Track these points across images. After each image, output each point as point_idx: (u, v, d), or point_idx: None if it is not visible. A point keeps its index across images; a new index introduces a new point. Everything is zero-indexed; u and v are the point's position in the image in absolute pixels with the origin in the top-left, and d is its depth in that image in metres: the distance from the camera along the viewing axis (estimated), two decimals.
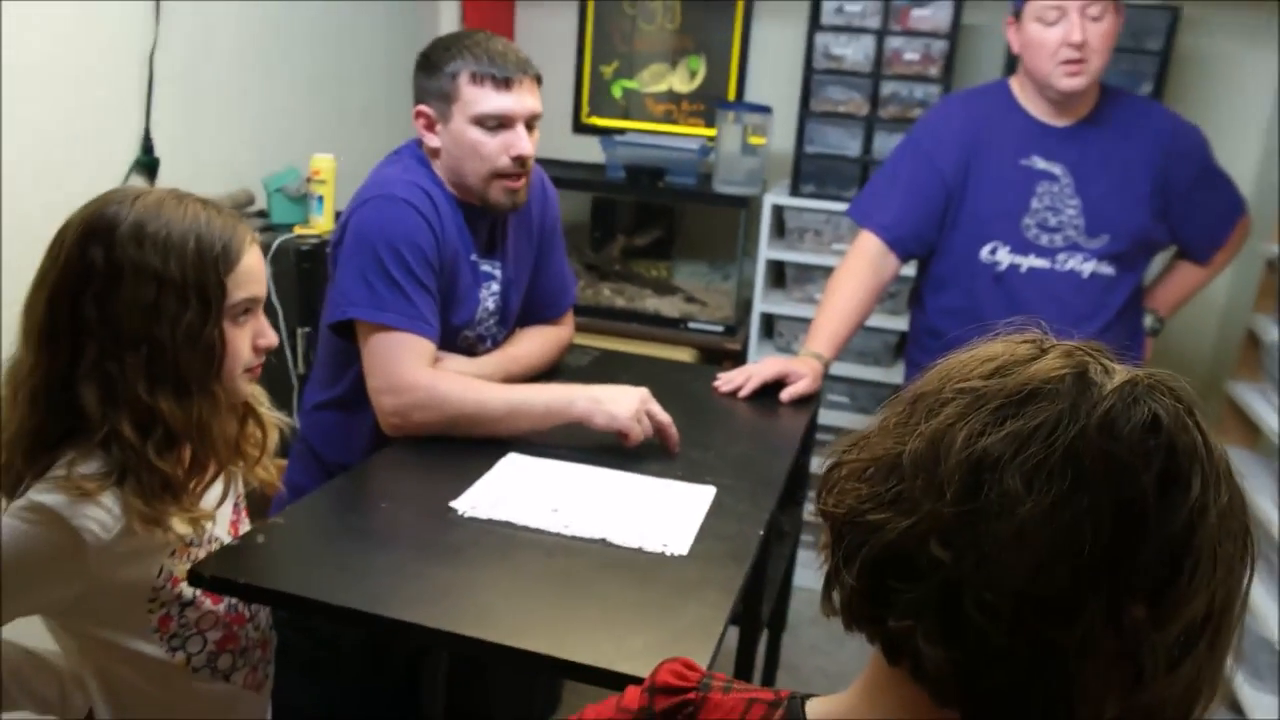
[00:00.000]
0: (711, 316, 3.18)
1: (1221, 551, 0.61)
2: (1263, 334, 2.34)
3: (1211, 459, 0.62)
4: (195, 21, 2.30)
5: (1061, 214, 2.00)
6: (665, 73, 3.46)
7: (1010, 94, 2.06)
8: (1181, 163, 2.01)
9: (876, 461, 0.68)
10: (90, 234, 1.13)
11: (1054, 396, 0.62)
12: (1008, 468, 0.61)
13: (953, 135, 2.06)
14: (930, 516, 0.62)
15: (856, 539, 0.66)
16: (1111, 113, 2.02)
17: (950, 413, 0.65)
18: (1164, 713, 0.62)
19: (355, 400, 1.71)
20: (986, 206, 2.03)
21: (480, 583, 1.21)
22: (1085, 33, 1.87)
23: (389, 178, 1.65)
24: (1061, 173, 1.99)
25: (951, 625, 0.61)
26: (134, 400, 1.12)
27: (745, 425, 1.84)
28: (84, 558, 1.10)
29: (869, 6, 2.86)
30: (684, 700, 0.76)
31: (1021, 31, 1.96)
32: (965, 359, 0.69)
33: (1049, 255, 2.01)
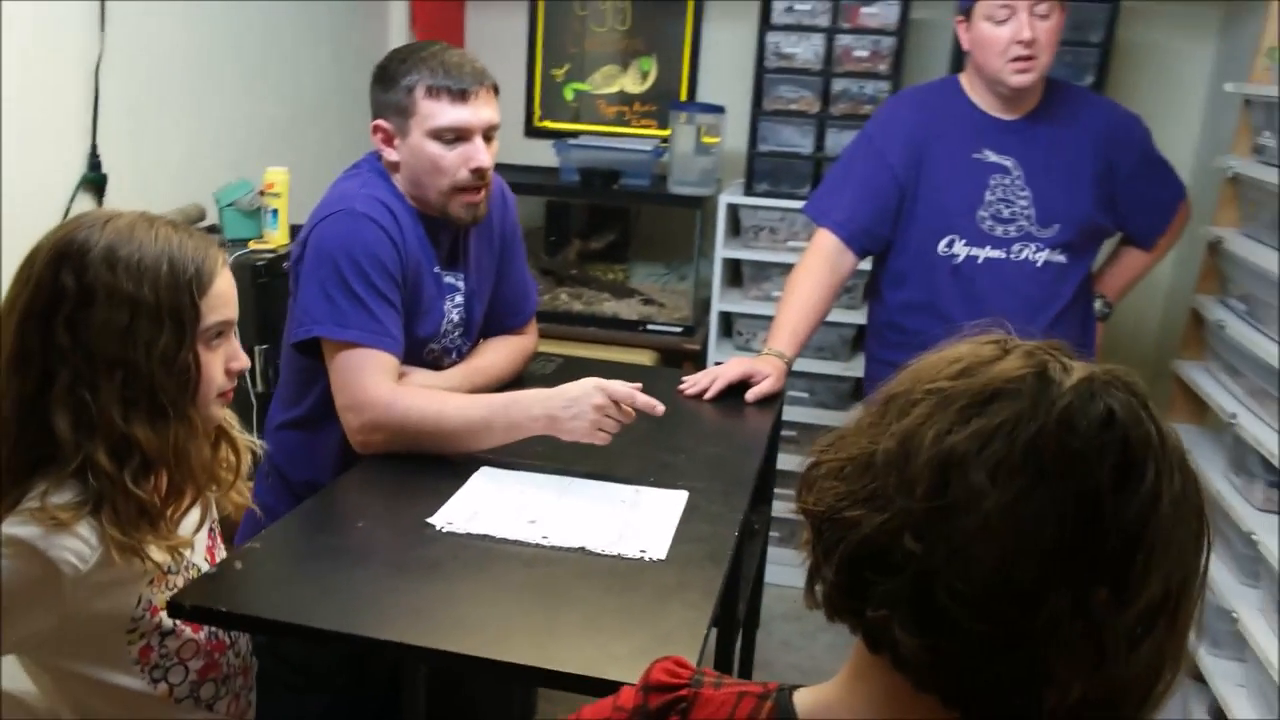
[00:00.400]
0: (670, 317, 3.20)
1: (1176, 537, 0.65)
2: (1207, 314, 2.40)
3: (1165, 449, 0.66)
4: (141, 34, 2.26)
5: (1014, 205, 2.04)
6: (617, 74, 3.47)
7: (960, 89, 2.10)
8: (1123, 151, 2.07)
9: (852, 460, 0.71)
10: (61, 258, 1.11)
11: (1015, 395, 0.66)
12: (973, 464, 0.64)
13: (904, 131, 2.10)
14: (902, 512, 0.65)
15: (835, 535, 0.69)
16: (1056, 105, 2.07)
17: (920, 413, 0.68)
18: (1128, 690, 0.66)
19: (321, 418, 1.70)
20: (942, 201, 2.06)
21: (461, 596, 1.21)
22: (1034, 30, 1.92)
23: (348, 192, 1.64)
24: (1012, 165, 2.04)
25: (925, 614, 0.64)
26: (109, 427, 1.11)
27: (713, 427, 1.86)
28: (61, 590, 1.09)
29: (818, 5, 2.89)
30: (677, 697, 0.78)
31: (971, 30, 2.00)
32: (934, 360, 0.72)
33: (1004, 246, 2.05)
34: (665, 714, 0.77)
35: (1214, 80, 3.07)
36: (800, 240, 3.03)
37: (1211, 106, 3.05)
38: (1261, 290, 2.18)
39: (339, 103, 3.12)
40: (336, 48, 3.08)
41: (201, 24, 2.47)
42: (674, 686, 0.78)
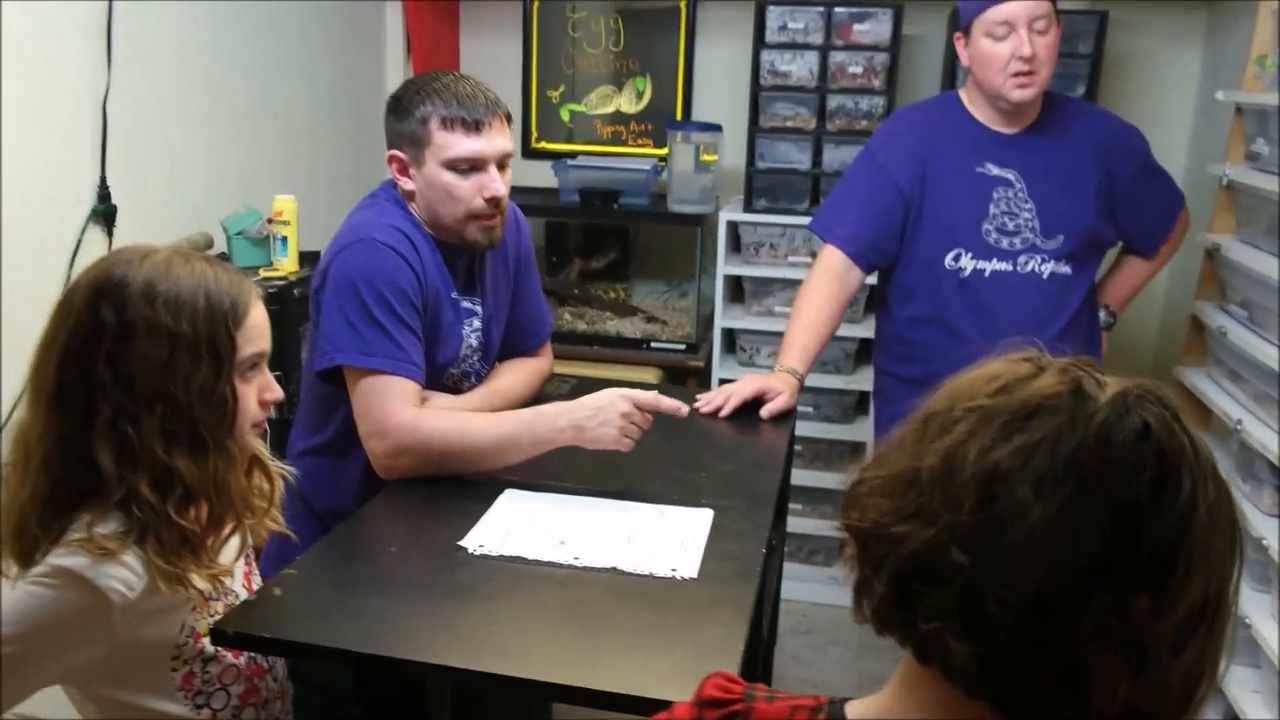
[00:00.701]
0: (673, 335, 3.22)
1: (1214, 544, 0.67)
2: (1207, 320, 2.44)
3: (1199, 460, 0.69)
4: (148, 67, 2.29)
5: (1018, 217, 2.07)
6: (612, 94, 3.50)
7: (960, 105, 2.14)
8: (1122, 162, 2.11)
9: (895, 478, 0.73)
10: (100, 294, 1.13)
11: (1054, 411, 0.68)
12: (1017, 478, 0.66)
13: (906, 147, 2.13)
14: (949, 526, 0.68)
15: (882, 550, 0.72)
16: (1055, 118, 2.10)
17: (962, 430, 0.70)
18: (1171, 695, 0.68)
19: (344, 445, 1.72)
20: (947, 215, 2.09)
21: (501, 619, 1.23)
22: (1034, 46, 1.95)
23: (367, 221, 1.66)
24: (1014, 178, 2.07)
25: (975, 624, 0.67)
26: (151, 459, 1.13)
27: (730, 444, 1.88)
28: (110, 618, 1.11)
29: (811, 23, 2.93)
30: (732, 711, 0.80)
31: (971, 46, 2.04)
32: (971, 378, 0.75)
33: (1010, 258, 2.08)
34: None
35: (1202, 87, 3.12)
36: (801, 255, 3.07)
37: (1200, 113, 3.10)
38: (1261, 295, 2.21)
39: (340, 131, 3.15)
40: (336, 76, 3.11)
41: (206, 56, 2.49)
42: (728, 701, 0.81)
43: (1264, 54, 2.33)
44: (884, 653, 3.07)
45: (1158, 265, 2.29)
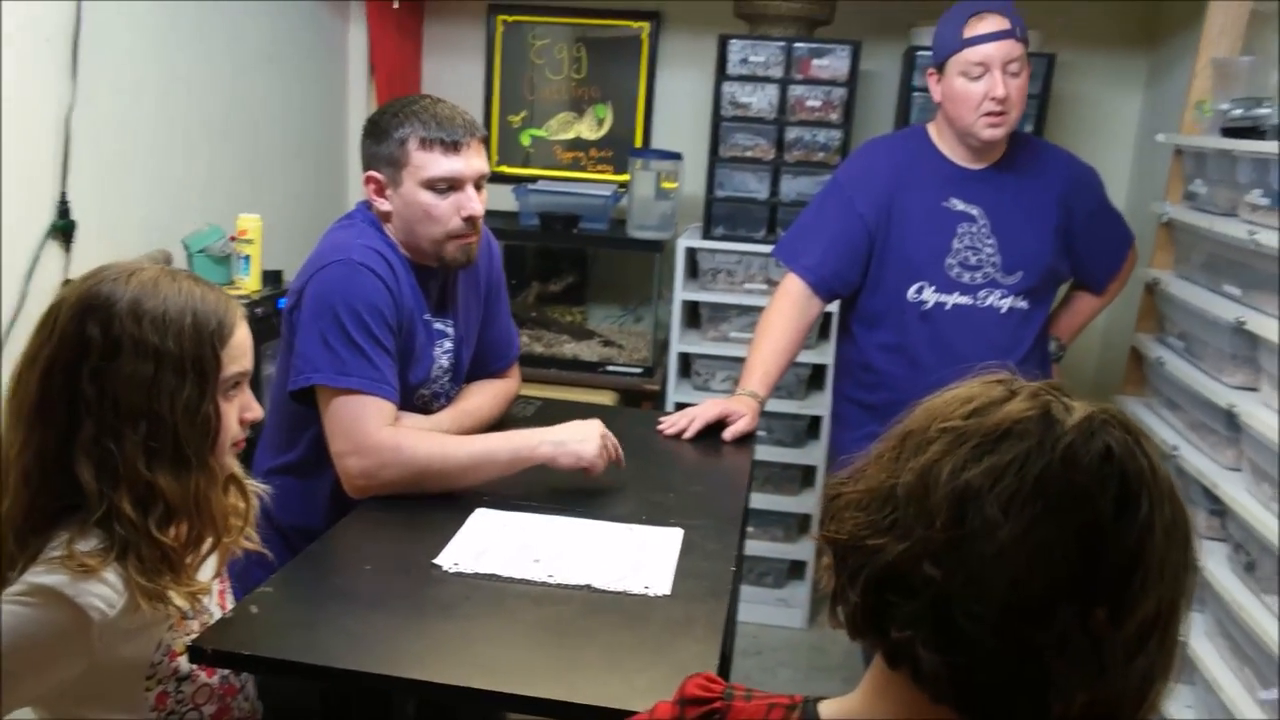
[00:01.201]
0: (629, 359, 3.26)
1: (1170, 560, 0.72)
2: (1146, 351, 2.54)
3: (1157, 482, 0.73)
4: (112, 82, 2.28)
5: (980, 253, 2.12)
6: (573, 121, 3.54)
7: (928, 139, 2.18)
8: (1081, 201, 2.18)
9: (872, 493, 0.77)
10: (86, 310, 1.13)
11: (1024, 434, 0.73)
12: (987, 497, 0.70)
13: (873, 180, 2.17)
14: (923, 541, 0.72)
15: (858, 561, 0.76)
16: (1019, 157, 2.16)
17: (936, 449, 0.74)
18: (1125, 699, 0.72)
19: (314, 464, 1.72)
20: (912, 249, 2.13)
21: (480, 635, 1.25)
22: (1007, 87, 2.00)
23: (344, 242, 1.68)
24: (978, 214, 2.12)
25: (944, 633, 0.71)
26: (133, 476, 1.13)
27: (695, 466, 1.92)
28: (89, 636, 1.10)
29: (772, 57, 3.01)
30: (712, 709, 0.84)
31: (945, 83, 2.07)
32: (947, 399, 0.79)
33: (971, 292, 2.13)
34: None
35: (1142, 129, 3.25)
36: (757, 282, 3.13)
37: (1140, 154, 3.23)
38: (1197, 328, 2.31)
39: (303, 151, 3.15)
40: (299, 97, 3.11)
41: (171, 74, 2.48)
42: (708, 699, 0.85)
43: (1203, 99, 2.44)
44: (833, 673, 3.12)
45: (1106, 300, 2.37)
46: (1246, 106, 2.22)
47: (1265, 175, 2.05)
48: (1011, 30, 2.02)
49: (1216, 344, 2.21)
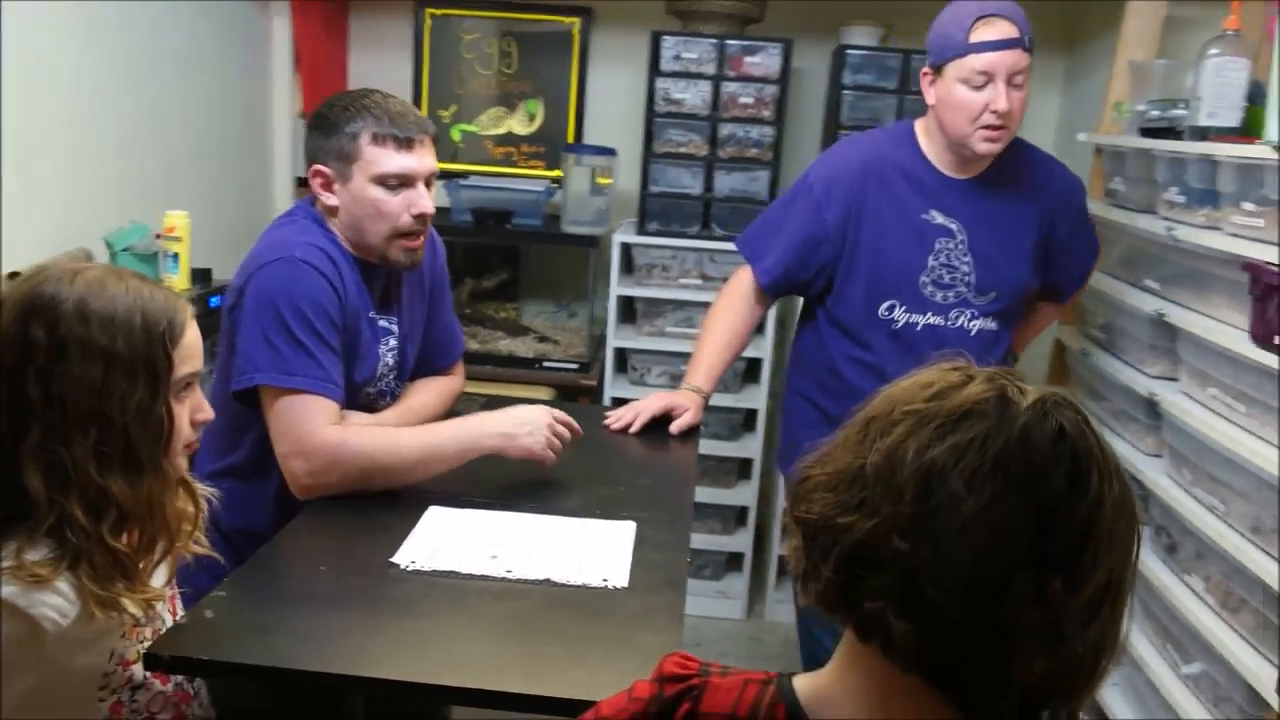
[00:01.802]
0: (565, 354, 3.26)
1: (1118, 533, 0.77)
2: (1070, 343, 2.63)
3: (1105, 459, 0.78)
4: (30, 79, 2.19)
5: (956, 270, 2.00)
6: (504, 116, 3.53)
7: (914, 141, 2.03)
8: (1065, 216, 2.08)
9: (840, 474, 0.81)
10: (30, 311, 1.10)
11: (982, 415, 0.77)
12: (951, 474, 0.75)
13: (846, 187, 2.02)
14: (891, 517, 0.76)
15: (829, 539, 0.79)
16: (1008, 166, 2.01)
17: (901, 431, 0.78)
18: (1080, 665, 0.76)
19: (257, 466, 1.69)
20: (886, 266, 2.00)
21: (442, 632, 1.25)
22: (1010, 101, 1.86)
23: (287, 239, 1.65)
24: (958, 229, 1.99)
25: (913, 604, 0.75)
26: (84, 481, 1.10)
27: (643, 459, 1.94)
28: (42, 647, 1.07)
29: (705, 54, 3.03)
30: (690, 685, 0.87)
31: (941, 87, 1.91)
32: (906, 385, 0.84)
33: (943, 312, 2.01)
34: (679, 701, 0.86)
35: (1060, 128, 3.36)
36: (692, 277, 3.16)
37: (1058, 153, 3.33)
38: (1118, 321, 2.41)
39: (226, 148, 3.08)
40: (222, 94, 3.04)
41: (86, 66, 2.40)
42: (686, 676, 0.87)
43: (1121, 100, 2.53)
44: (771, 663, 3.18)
45: (1064, 308, 2.35)
46: (1163, 108, 2.32)
47: (1181, 174, 2.14)
48: (1020, 39, 1.87)
49: (1137, 335, 2.30)
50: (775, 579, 3.30)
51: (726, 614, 3.30)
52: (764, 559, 3.35)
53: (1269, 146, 1.78)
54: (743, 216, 3.09)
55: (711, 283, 3.14)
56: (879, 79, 3.02)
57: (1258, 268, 1.77)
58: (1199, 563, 1.96)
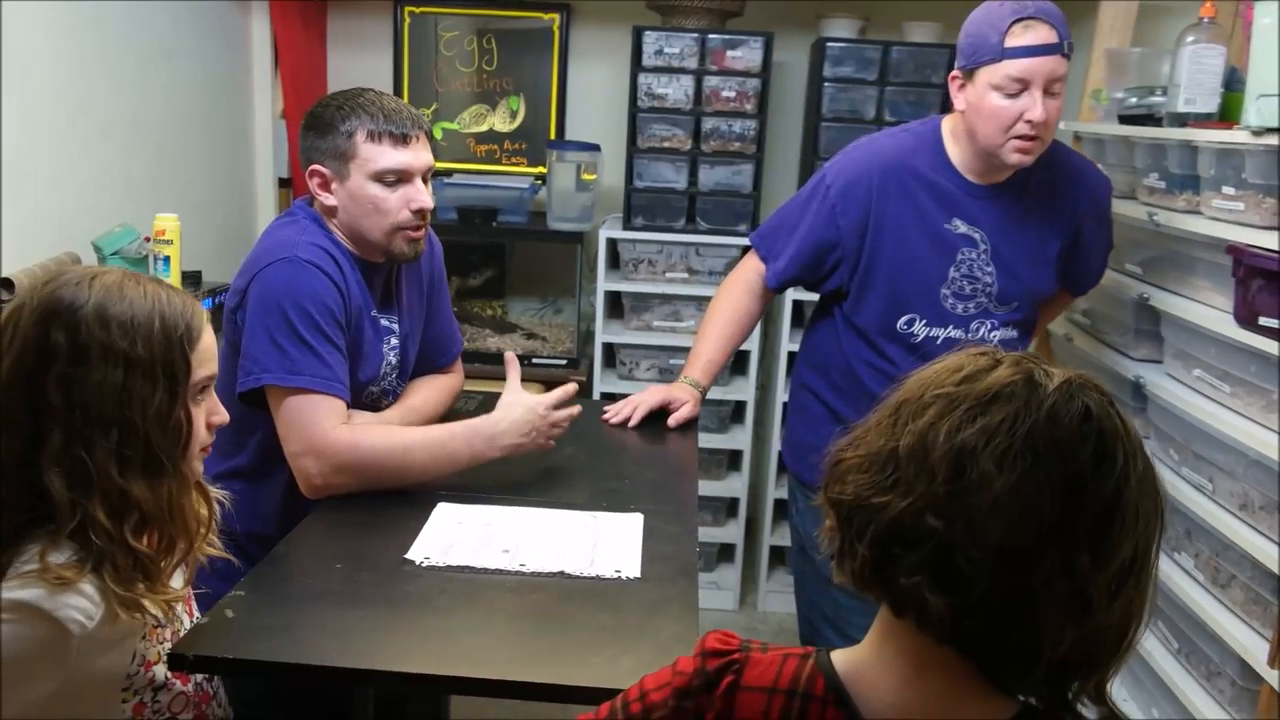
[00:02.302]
0: (553, 350, 3.27)
1: (1142, 509, 0.80)
2: (1055, 329, 2.68)
3: (1130, 438, 0.81)
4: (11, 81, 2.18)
5: (977, 282, 1.92)
6: (485, 113, 3.53)
7: (940, 144, 1.93)
8: (1091, 220, 2.00)
9: (874, 456, 0.84)
10: (50, 316, 1.10)
11: (1011, 397, 0.80)
12: (982, 454, 0.78)
13: (864, 192, 1.92)
14: (925, 495, 0.79)
15: (864, 519, 0.82)
16: (1038, 171, 1.89)
17: (932, 414, 0.81)
18: (1107, 637, 0.79)
19: (263, 468, 1.70)
20: (906, 279, 1.92)
21: (463, 626, 1.26)
22: (1046, 110, 1.75)
23: (289, 239, 1.65)
24: (981, 238, 1.91)
25: (946, 578, 0.78)
26: (107, 484, 1.10)
27: (644, 453, 1.96)
28: (68, 650, 1.08)
29: (686, 48, 3.05)
30: (731, 659, 0.90)
31: (972, 91, 1.80)
32: (936, 370, 0.86)
33: (964, 325, 1.94)
34: (722, 674, 0.89)
35: None
36: (678, 271, 3.18)
37: None
38: (1102, 306, 2.45)
39: (209, 149, 3.07)
40: (204, 94, 3.02)
41: (68, 70, 2.38)
42: (727, 651, 0.91)
43: (1099, 88, 2.58)
44: None
45: (1076, 300, 2.28)
46: (1141, 95, 2.36)
47: (1161, 160, 2.18)
48: (1060, 44, 1.75)
49: (1121, 320, 2.35)
50: (767, 570, 3.33)
51: (719, 605, 3.33)
52: (755, 550, 3.38)
53: (1247, 131, 1.82)
54: (727, 210, 3.12)
55: (698, 276, 3.17)
56: (859, 71, 3.05)
57: (1240, 250, 1.82)
58: (1188, 540, 2.01)
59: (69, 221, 2.38)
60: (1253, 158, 1.82)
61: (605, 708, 0.93)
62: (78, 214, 2.41)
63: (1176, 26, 2.20)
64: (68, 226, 2.38)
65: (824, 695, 0.85)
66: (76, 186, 2.43)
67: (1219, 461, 1.91)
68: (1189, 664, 1.98)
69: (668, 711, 0.89)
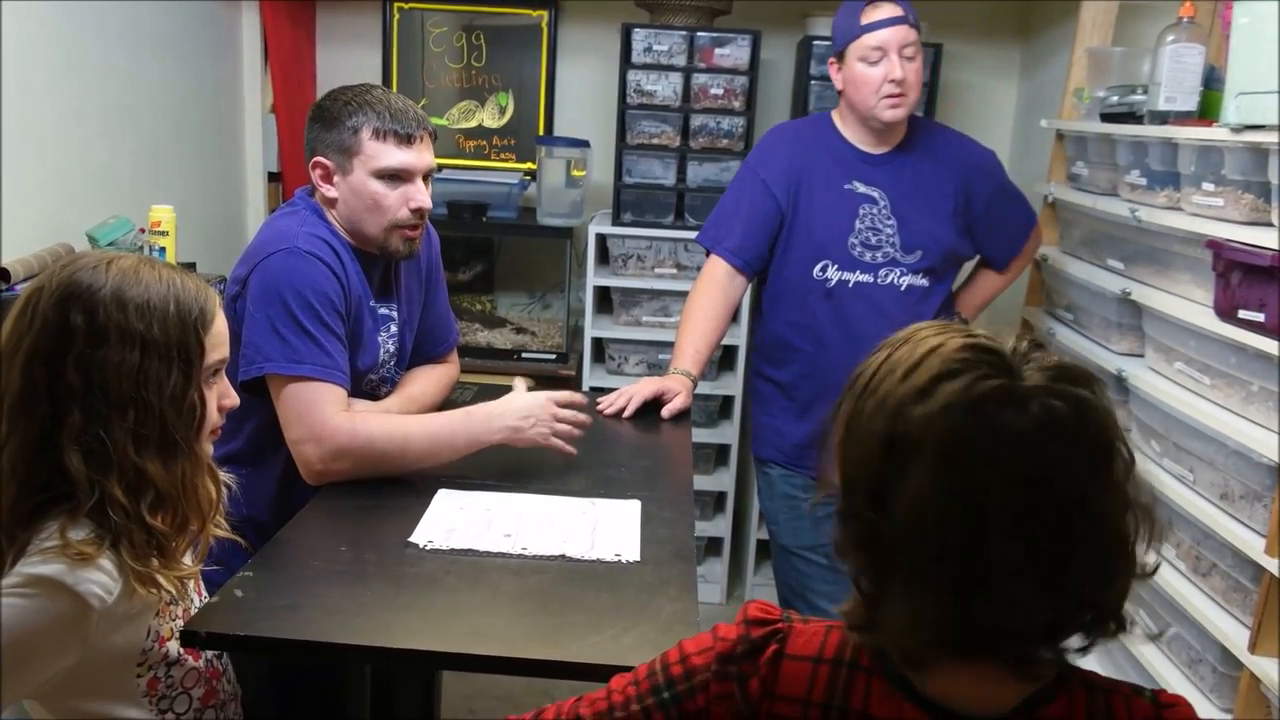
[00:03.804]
0: (543, 345, 3.30)
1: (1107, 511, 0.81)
2: (1036, 324, 2.72)
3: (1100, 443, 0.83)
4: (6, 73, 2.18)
5: (881, 233, 2.22)
6: (474, 109, 3.55)
7: (832, 125, 2.28)
8: (980, 183, 2.29)
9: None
10: (69, 298, 1.12)
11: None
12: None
13: (782, 163, 2.25)
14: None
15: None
16: (919, 140, 2.27)
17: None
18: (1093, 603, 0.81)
19: (258, 453, 1.72)
20: (817, 229, 2.22)
21: (468, 606, 1.29)
22: (904, 70, 2.11)
23: (290, 230, 1.67)
24: (879, 196, 2.22)
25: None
26: (124, 463, 1.13)
27: (639, 442, 1.99)
28: (88, 624, 1.10)
29: (675, 46, 3.09)
30: (775, 629, 0.92)
31: (845, 70, 2.17)
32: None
33: (872, 271, 2.22)
34: (766, 642, 0.90)
35: (1019, 114, 3.46)
36: (667, 267, 3.21)
37: (1017, 138, 3.44)
38: (1084, 300, 2.50)
39: (200, 142, 3.08)
40: (195, 88, 3.03)
41: (61, 63, 2.39)
42: (771, 621, 0.92)
43: (1081, 87, 2.63)
44: None
45: (1010, 278, 2.51)
46: (1122, 93, 2.41)
47: (1143, 157, 2.23)
48: (905, 17, 2.13)
49: (1103, 314, 2.39)
50: (754, 563, 3.36)
51: (706, 598, 3.36)
52: (742, 544, 3.42)
53: (1226, 129, 1.87)
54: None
55: (686, 272, 3.20)
56: None
57: (1219, 245, 1.86)
58: (1169, 530, 2.05)
59: (61, 213, 2.39)
60: (1232, 154, 1.86)
61: (644, 668, 0.94)
62: (70, 206, 2.42)
63: (1156, 26, 2.25)
64: (60, 218, 2.38)
65: (869, 665, 0.87)
66: (69, 179, 2.44)
67: (1200, 452, 1.95)
68: (1170, 651, 2.02)
69: (710, 675, 0.90)
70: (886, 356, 0.85)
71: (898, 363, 0.83)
